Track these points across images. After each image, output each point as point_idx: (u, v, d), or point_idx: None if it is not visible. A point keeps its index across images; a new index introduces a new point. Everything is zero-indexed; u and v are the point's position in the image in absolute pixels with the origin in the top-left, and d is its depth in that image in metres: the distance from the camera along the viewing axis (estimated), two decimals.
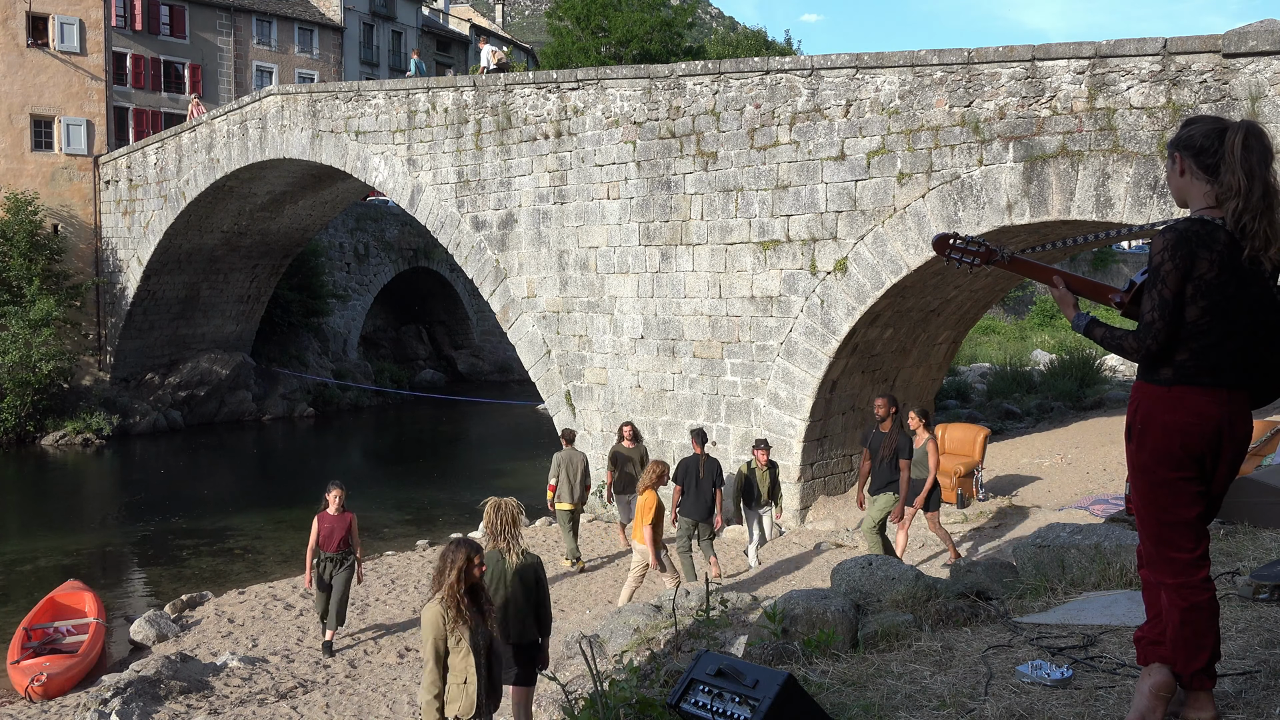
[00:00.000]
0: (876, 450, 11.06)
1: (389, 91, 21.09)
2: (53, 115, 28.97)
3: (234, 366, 31.70)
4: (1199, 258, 3.09)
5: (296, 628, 12.34)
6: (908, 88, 13.60)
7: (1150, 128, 11.65)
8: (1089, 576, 5.39)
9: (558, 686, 5.86)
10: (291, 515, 20.19)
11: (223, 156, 25.64)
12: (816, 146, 14.51)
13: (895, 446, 10.95)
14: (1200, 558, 3.19)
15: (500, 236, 18.78)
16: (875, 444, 11.12)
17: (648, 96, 16.43)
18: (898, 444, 10.97)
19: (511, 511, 6.79)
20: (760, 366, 15.33)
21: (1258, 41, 10.88)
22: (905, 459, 10.96)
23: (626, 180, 16.75)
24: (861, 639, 4.69)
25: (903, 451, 10.96)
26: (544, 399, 18.43)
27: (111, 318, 29.55)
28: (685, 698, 3.43)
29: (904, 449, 10.98)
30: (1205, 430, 3.13)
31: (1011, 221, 12.69)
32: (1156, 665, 3.23)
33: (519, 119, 18.42)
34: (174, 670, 10.25)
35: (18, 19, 28.28)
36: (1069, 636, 4.37)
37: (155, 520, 19.61)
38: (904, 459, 10.96)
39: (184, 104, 41.96)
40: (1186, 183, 3.24)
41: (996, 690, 3.77)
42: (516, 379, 38.88)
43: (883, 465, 11.02)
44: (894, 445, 10.95)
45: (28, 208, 27.83)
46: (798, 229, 14.79)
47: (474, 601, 5.55)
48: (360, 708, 9.12)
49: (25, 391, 26.79)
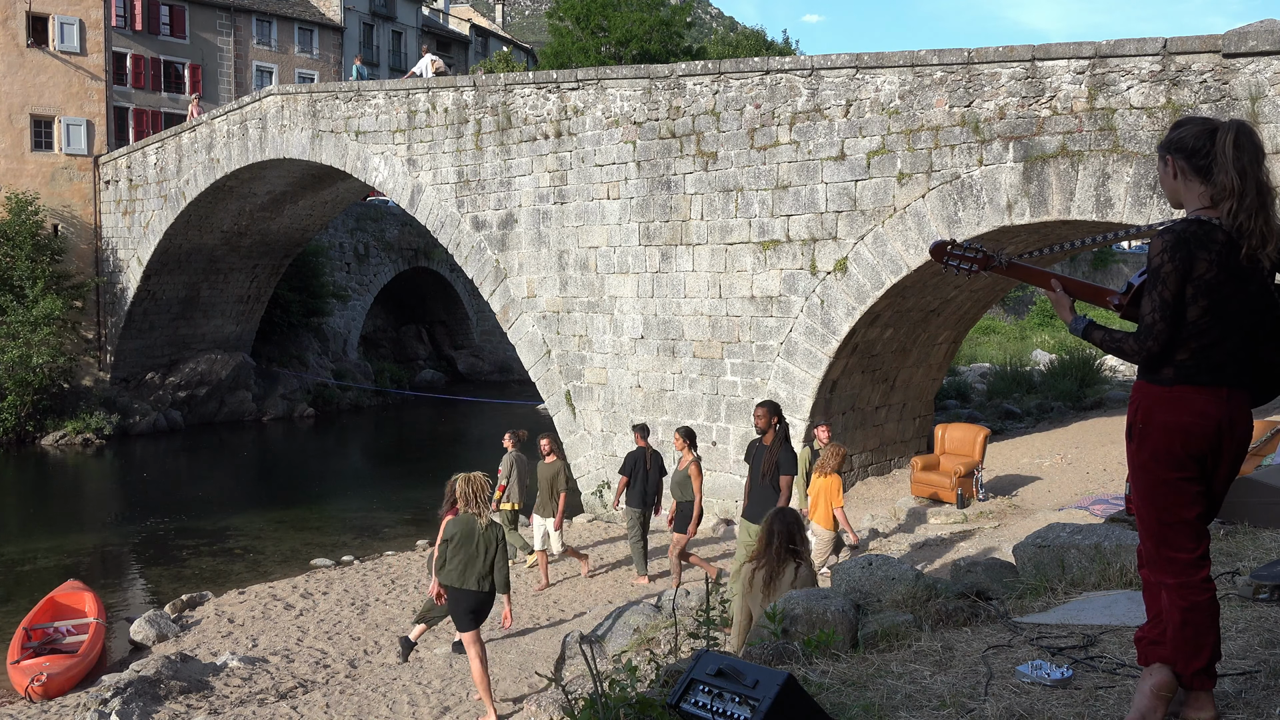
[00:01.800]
0: (756, 466, 9.56)
1: (389, 91, 21.09)
2: (53, 115, 28.97)
3: (234, 366, 31.70)
4: (1197, 258, 3.10)
5: (296, 628, 12.34)
6: (908, 88, 13.60)
7: (1150, 128, 11.65)
8: (1089, 576, 5.39)
9: (558, 686, 5.87)
10: (291, 515, 20.21)
11: (223, 156, 25.64)
12: (816, 146, 14.51)
13: (776, 462, 9.39)
14: (1201, 558, 3.19)
15: (500, 236, 18.78)
16: (755, 459, 9.60)
17: (648, 96, 16.44)
18: (779, 459, 9.40)
19: (480, 482, 8.17)
20: (760, 366, 15.33)
21: (1258, 41, 10.88)
22: (787, 475, 9.42)
23: (626, 180, 16.75)
24: (861, 639, 4.69)
25: (784, 467, 9.42)
26: (544, 399, 18.44)
27: (111, 318, 29.55)
28: (685, 698, 3.43)
29: (786, 464, 9.45)
30: (1206, 430, 3.14)
31: (1011, 221, 12.69)
32: (1158, 665, 3.23)
33: (519, 119, 18.43)
34: (174, 670, 10.25)
35: (18, 19, 28.28)
36: (1069, 636, 4.37)
37: (155, 520, 19.61)
38: (785, 475, 9.41)
39: (184, 104, 41.98)
40: (1180, 185, 3.25)
41: (996, 690, 3.77)
42: (516, 379, 38.88)
43: (764, 484, 9.43)
44: (774, 461, 9.39)
45: (28, 208, 27.84)
46: (798, 229, 14.79)
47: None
48: (360, 708, 9.12)
49: (25, 391, 26.80)
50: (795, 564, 6.29)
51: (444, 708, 8.95)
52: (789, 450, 9.52)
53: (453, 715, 8.80)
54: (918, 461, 15.48)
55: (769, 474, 9.36)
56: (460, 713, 8.84)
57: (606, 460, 17.26)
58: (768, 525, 6.47)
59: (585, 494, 17.59)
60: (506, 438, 14.25)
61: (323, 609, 13.11)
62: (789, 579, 6.29)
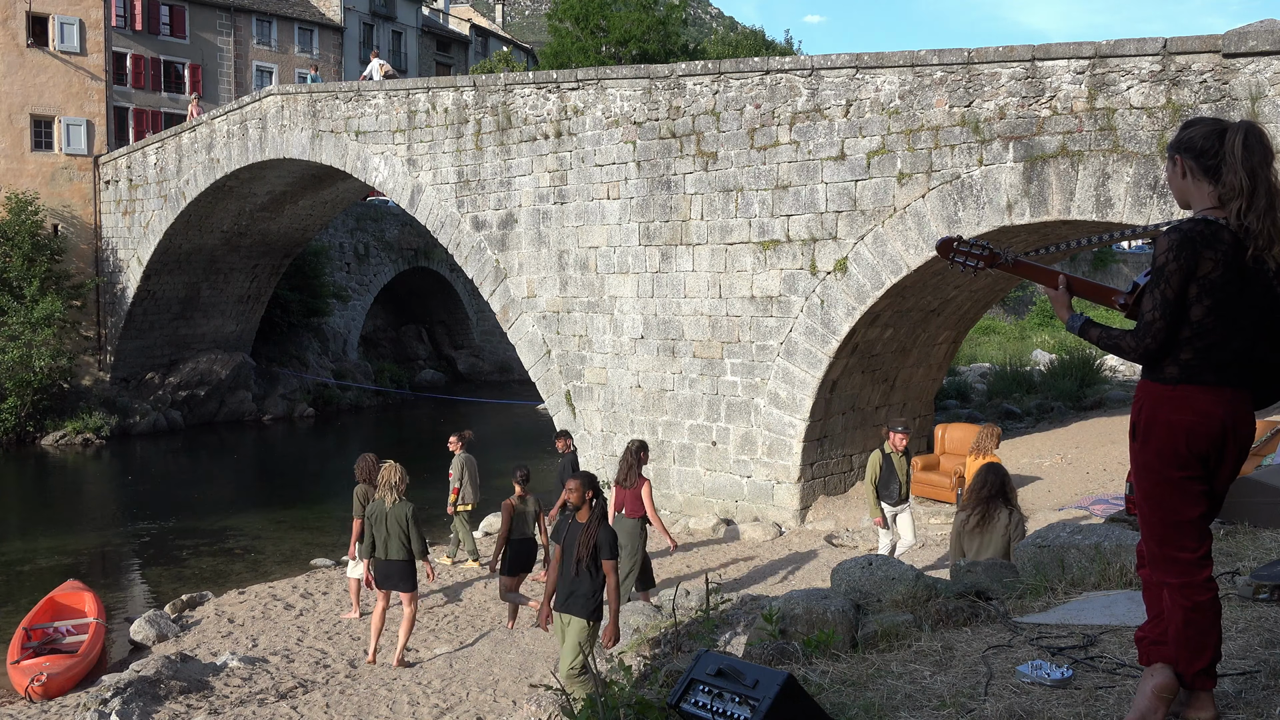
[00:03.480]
0: (570, 548, 7.82)
1: (389, 91, 21.09)
2: (53, 115, 28.96)
3: (234, 366, 31.70)
4: (1203, 258, 3.10)
5: (296, 628, 12.34)
6: (908, 88, 13.60)
7: (1150, 128, 11.65)
8: (1089, 576, 5.39)
9: (558, 686, 5.87)
10: (291, 515, 20.21)
11: (223, 156, 25.64)
12: (816, 146, 14.51)
13: (595, 543, 7.72)
14: (1203, 557, 3.19)
15: (500, 236, 18.77)
16: (568, 540, 7.87)
17: (648, 96, 16.43)
18: (598, 539, 7.72)
19: (399, 472, 10.32)
20: (760, 366, 15.33)
21: (1258, 41, 10.88)
22: (610, 559, 7.73)
23: (626, 180, 16.75)
24: (861, 639, 4.69)
25: (605, 549, 7.72)
26: (544, 399, 18.44)
27: (111, 318, 29.55)
28: (685, 698, 3.43)
29: (606, 545, 7.73)
30: (1210, 429, 3.14)
31: (1011, 221, 12.69)
32: (1159, 666, 3.23)
33: (519, 119, 18.43)
34: (174, 670, 10.25)
35: (18, 19, 28.28)
36: (1069, 636, 4.37)
37: (155, 520, 19.61)
38: (606, 559, 7.71)
39: (184, 104, 41.97)
40: (1188, 184, 3.25)
41: (996, 690, 3.77)
42: (516, 379, 38.89)
43: (580, 570, 7.73)
44: (592, 542, 7.71)
45: (28, 208, 27.83)
46: (798, 229, 14.79)
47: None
48: (360, 708, 9.12)
49: (25, 391, 26.80)
50: (1008, 510, 7.15)
51: (444, 708, 8.94)
52: (608, 530, 7.88)
53: (453, 715, 8.80)
54: (918, 461, 15.48)
55: (586, 558, 7.70)
56: (460, 713, 8.83)
57: (607, 460, 17.26)
58: (981, 476, 7.36)
59: None
60: (452, 440, 14.29)
61: (323, 609, 13.11)
62: (1002, 523, 7.11)
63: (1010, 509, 7.20)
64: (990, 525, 7.13)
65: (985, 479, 7.33)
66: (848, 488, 16.07)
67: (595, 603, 7.69)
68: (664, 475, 16.54)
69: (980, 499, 7.21)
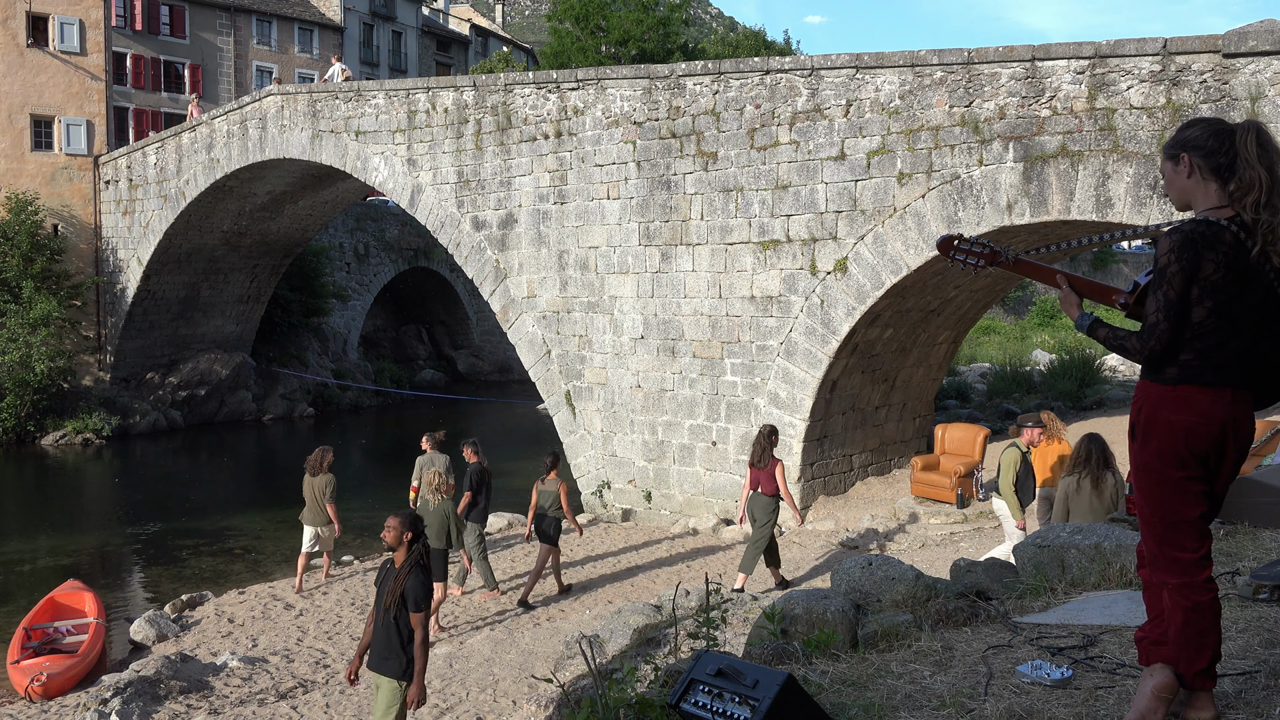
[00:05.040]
0: (380, 595, 6.81)
1: (389, 91, 21.09)
2: (53, 115, 28.97)
3: (234, 366, 31.70)
4: (1205, 259, 3.10)
5: (296, 628, 12.34)
6: (908, 88, 13.60)
7: (1150, 128, 11.65)
8: (1089, 576, 5.39)
9: (557, 686, 5.87)
10: (291, 515, 20.15)
11: (223, 156, 25.64)
12: (816, 146, 14.51)
13: (402, 592, 6.68)
14: (1204, 558, 3.19)
15: (500, 236, 18.78)
16: (381, 584, 6.87)
17: (648, 96, 16.43)
18: (406, 587, 6.68)
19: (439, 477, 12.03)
20: (760, 366, 15.33)
21: (1258, 41, 10.88)
22: (418, 612, 6.69)
23: (626, 180, 16.75)
24: (861, 639, 4.69)
25: (414, 599, 6.67)
26: (544, 399, 18.44)
27: (111, 317, 29.55)
28: (685, 698, 3.43)
29: (415, 595, 6.67)
30: (1210, 429, 3.14)
31: (1011, 221, 12.69)
32: (1159, 666, 3.23)
33: (519, 119, 18.43)
34: (174, 670, 10.25)
35: (18, 19, 28.28)
36: (1069, 636, 4.37)
37: (155, 520, 19.61)
38: (414, 612, 6.68)
39: (184, 104, 42.00)
40: (1193, 184, 3.23)
41: (996, 690, 3.77)
42: (516, 379, 38.88)
43: (387, 619, 6.71)
44: (400, 590, 6.68)
45: (28, 208, 27.83)
46: (798, 229, 14.79)
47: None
48: (360, 708, 9.12)
49: (25, 391, 26.79)
50: (1111, 475, 8.05)
51: (444, 708, 8.95)
52: (419, 578, 6.75)
53: (453, 715, 8.80)
54: (918, 461, 15.49)
55: (393, 606, 6.69)
56: (460, 712, 8.84)
57: (606, 460, 17.27)
58: (1085, 445, 8.20)
59: (585, 494, 17.59)
60: (425, 440, 14.19)
61: (323, 609, 13.11)
62: (1110, 485, 8.03)
63: (1114, 473, 8.08)
64: (1100, 488, 8.00)
65: (1089, 448, 8.16)
66: (848, 488, 16.07)
67: (406, 657, 6.70)
68: (664, 475, 16.55)
69: (1089, 466, 8.09)
